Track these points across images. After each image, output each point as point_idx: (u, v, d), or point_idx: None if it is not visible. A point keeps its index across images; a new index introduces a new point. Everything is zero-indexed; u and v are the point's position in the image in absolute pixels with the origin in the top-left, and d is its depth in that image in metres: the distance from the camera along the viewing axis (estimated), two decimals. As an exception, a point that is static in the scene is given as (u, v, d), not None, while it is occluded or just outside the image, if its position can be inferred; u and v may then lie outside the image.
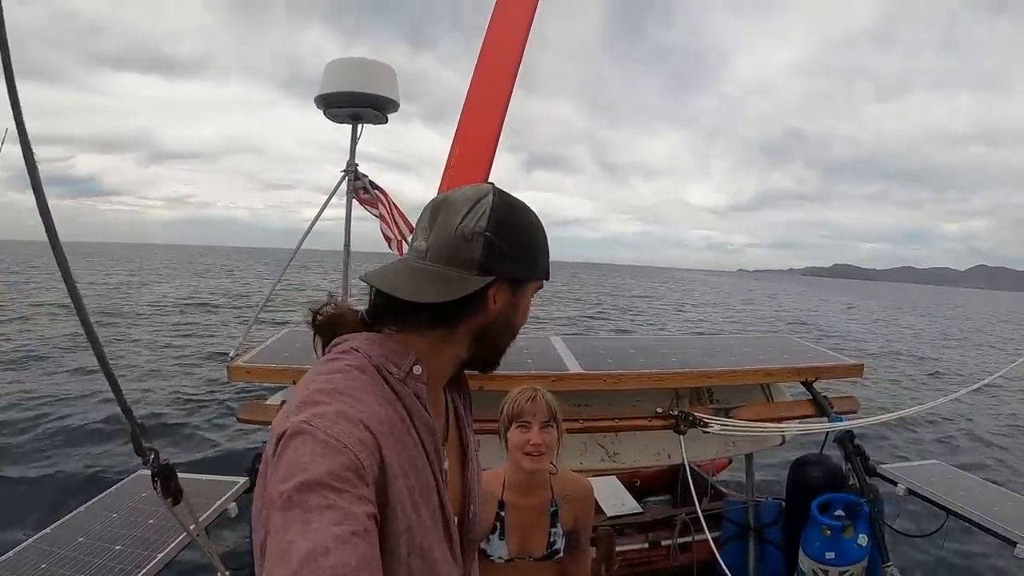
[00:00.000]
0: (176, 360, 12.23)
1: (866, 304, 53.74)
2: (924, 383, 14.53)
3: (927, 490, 2.84)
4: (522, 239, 0.85)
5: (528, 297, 0.91)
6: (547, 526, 1.90)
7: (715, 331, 18.75)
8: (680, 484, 3.84)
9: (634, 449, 2.93)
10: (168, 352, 13.05)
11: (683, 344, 3.60)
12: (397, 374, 0.80)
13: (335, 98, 3.20)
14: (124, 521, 2.50)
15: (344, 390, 0.73)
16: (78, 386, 9.34)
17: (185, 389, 9.71)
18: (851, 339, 22.98)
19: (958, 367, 17.81)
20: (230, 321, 19.21)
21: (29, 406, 8.28)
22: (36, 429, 7.37)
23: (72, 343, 12.68)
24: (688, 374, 2.91)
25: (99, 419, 7.64)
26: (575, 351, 3.11)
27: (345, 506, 0.61)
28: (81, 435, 7.20)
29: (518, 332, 0.93)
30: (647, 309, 33.76)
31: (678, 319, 28.30)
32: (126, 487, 2.82)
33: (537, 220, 0.90)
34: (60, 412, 8.06)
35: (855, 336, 24.66)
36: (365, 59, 3.24)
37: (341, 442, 0.65)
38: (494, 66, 3.07)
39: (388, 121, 3.35)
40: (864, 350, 18.38)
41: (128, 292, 27.86)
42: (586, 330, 22.08)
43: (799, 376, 3.02)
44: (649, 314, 28.72)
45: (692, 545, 3.11)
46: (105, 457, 6.56)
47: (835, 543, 2.75)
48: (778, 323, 26.93)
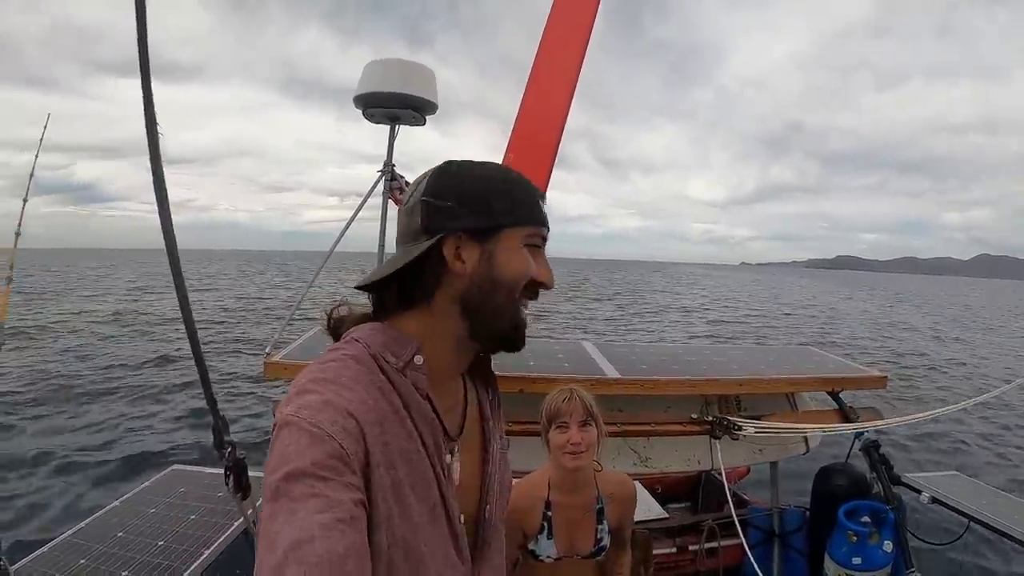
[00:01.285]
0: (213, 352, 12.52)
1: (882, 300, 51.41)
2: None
3: (950, 499, 2.93)
4: (469, 190, 0.83)
5: (508, 245, 0.82)
6: (593, 524, 1.93)
7: (738, 338, 18.38)
8: (702, 490, 3.90)
9: (666, 454, 2.97)
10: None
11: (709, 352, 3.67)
12: (395, 363, 0.79)
13: (374, 98, 3.21)
14: (164, 516, 2.47)
15: (335, 379, 0.73)
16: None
17: (223, 383, 9.95)
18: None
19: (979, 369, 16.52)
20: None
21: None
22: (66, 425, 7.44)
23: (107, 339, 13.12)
24: (720, 382, 2.96)
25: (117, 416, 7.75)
26: (608, 356, 3.15)
27: (330, 494, 0.62)
28: (106, 431, 7.27)
29: (516, 288, 0.82)
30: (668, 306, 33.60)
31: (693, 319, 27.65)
32: (161, 482, 2.78)
33: (494, 169, 0.86)
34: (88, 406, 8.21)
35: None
36: (405, 60, 3.25)
37: (325, 431, 0.66)
38: (557, 63, 2.97)
39: (426, 123, 3.36)
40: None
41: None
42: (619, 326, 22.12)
43: (826, 386, 3.10)
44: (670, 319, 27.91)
45: (718, 550, 3.16)
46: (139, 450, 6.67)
47: (861, 549, 2.83)
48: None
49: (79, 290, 29.83)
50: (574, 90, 2.89)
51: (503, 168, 0.88)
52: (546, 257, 0.87)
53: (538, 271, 0.84)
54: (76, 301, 24.55)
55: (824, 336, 21.54)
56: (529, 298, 0.85)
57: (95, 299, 25.70)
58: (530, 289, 0.84)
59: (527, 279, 0.83)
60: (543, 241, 0.87)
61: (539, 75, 3.01)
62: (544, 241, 0.87)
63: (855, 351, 17.34)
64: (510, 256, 0.82)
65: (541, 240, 0.86)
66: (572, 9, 3.05)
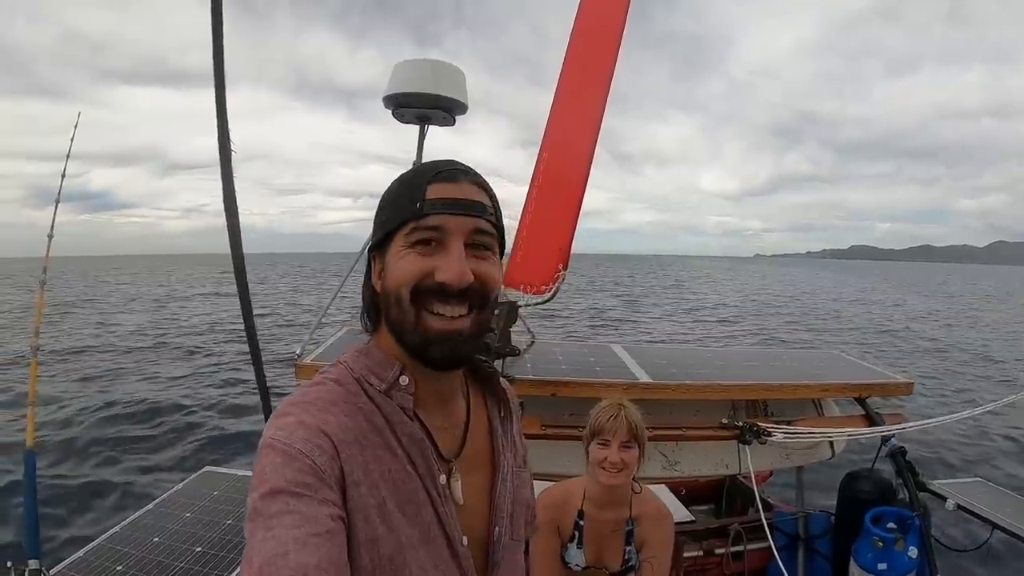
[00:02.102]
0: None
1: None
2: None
3: (975, 506, 2.96)
4: (379, 206, 0.81)
5: (393, 252, 0.77)
6: (622, 543, 1.92)
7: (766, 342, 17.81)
8: (726, 493, 3.93)
9: (695, 459, 2.99)
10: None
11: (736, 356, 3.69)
12: (378, 385, 0.78)
13: (404, 98, 3.18)
14: (200, 521, 2.43)
15: (313, 401, 0.74)
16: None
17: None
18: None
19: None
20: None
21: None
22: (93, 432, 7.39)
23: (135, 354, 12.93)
24: (750, 386, 2.98)
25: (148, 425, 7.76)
26: (638, 359, 3.16)
27: (304, 509, 0.63)
28: (134, 439, 7.25)
29: (400, 296, 0.75)
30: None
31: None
32: (194, 485, 2.75)
33: (397, 178, 0.81)
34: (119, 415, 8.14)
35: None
36: (435, 60, 3.22)
37: (298, 449, 0.67)
38: (589, 66, 2.91)
39: (455, 123, 3.34)
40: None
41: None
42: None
43: (853, 392, 3.12)
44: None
45: (744, 555, 3.18)
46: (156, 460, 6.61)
47: (887, 555, 2.85)
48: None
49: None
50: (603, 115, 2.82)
51: (410, 170, 0.81)
52: (460, 250, 0.75)
53: (436, 271, 0.74)
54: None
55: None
56: (438, 301, 0.75)
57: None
58: (428, 293, 0.74)
59: (410, 285, 0.74)
60: (437, 232, 0.75)
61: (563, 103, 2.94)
62: (444, 232, 0.75)
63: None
64: (392, 263, 0.77)
65: (428, 233, 0.75)
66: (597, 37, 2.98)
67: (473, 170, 0.80)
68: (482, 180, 0.80)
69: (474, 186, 0.78)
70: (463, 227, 0.76)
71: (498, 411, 0.93)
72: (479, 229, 0.77)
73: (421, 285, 0.74)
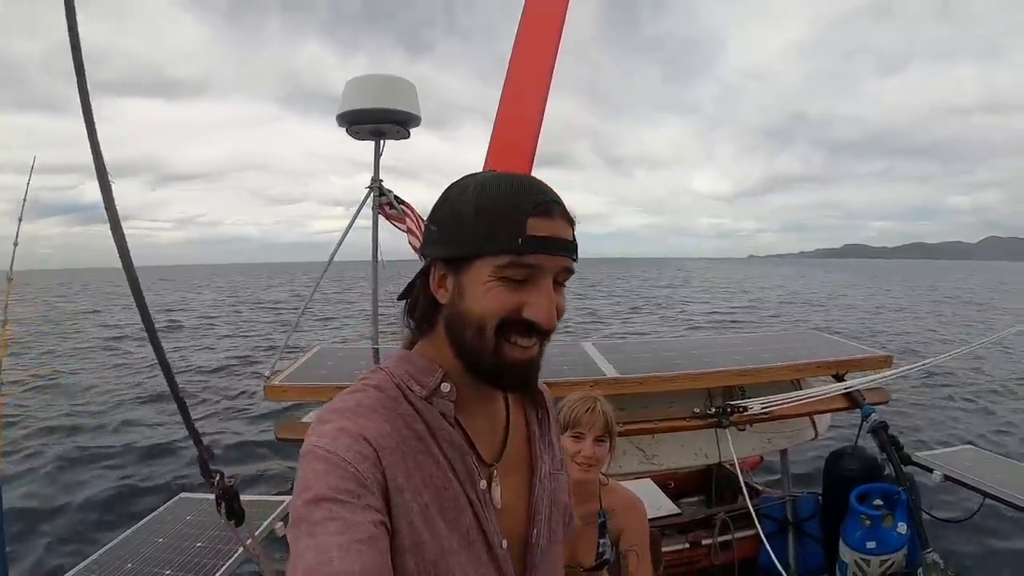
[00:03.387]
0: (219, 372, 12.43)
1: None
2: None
3: (963, 475, 2.90)
4: (450, 214, 0.78)
5: (477, 277, 0.75)
6: (595, 536, 1.89)
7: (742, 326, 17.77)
8: (715, 483, 3.88)
9: (673, 451, 2.96)
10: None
11: (712, 343, 3.65)
12: (420, 392, 0.78)
13: (358, 115, 3.22)
14: (170, 546, 2.45)
15: (353, 408, 0.75)
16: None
17: (223, 405, 9.82)
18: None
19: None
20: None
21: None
22: (78, 453, 7.34)
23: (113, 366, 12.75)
24: (722, 373, 2.94)
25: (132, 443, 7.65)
26: (609, 356, 3.14)
27: (347, 516, 0.63)
28: (120, 458, 7.18)
29: (484, 325, 0.75)
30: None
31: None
32: (170, 510, 2.78)
33: (469, 189, 0.78)
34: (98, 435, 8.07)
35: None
36: (386, 75, 3.27)
37: (340, 456, 0.68)
38: (528, 71, 2.98)
39: (411, 136, 3.38)
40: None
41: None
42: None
43: (829, 370, 3.07)
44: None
45: (732, 543, 3.13)
46: (145, 479, 6.57)
47: (875, 532, 2.80)
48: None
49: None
50: (547, 95, 2.85)
51: (499, 186, 0.76)
52: (550, 290, 0.75)
53: (524, 307, 0.74)
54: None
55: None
56: (520, 335, 0.75)
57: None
58: (513, 327, 0.75)
59: (498, 318, 0.74)
60: (532, 270, 0.74)
61: (514, 82, 3.00)
62: (537, 270, 0.74)
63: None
64: (476, 290, 0.75)
65: (525, 270, 0.74)
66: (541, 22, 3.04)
67: (561, 199, 0.78)
68: (568, 211, 0.79)
69: (565, 221, 0.78)
70: (555, 267, 0.76)
71: (536, 415, 0.95)
72: (567, 268, 0.78)
73: (508, 319, 0.75)
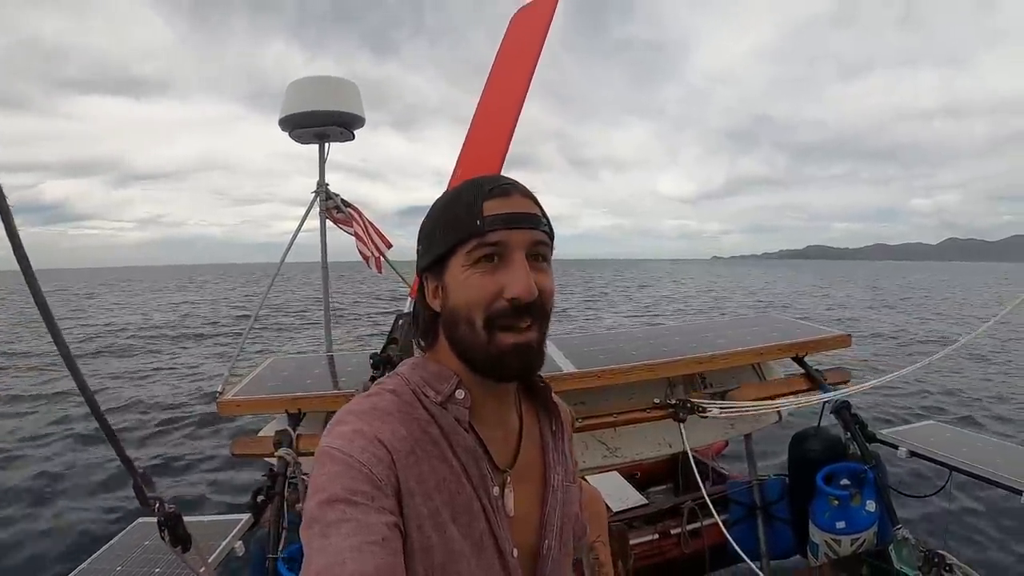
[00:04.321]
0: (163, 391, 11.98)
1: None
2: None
3: (929, 450, 2.88)
4: (425, 227, 0.83)
5: (454, 272, 0.78)
6: None
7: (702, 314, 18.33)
8: (680, 472, 3.86)
9: (635, 442, 2.92)
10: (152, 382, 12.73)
11: (672, 332, 3.61)
12: (434, 398, 0.79)
13: (299, 119, 3.16)
14: (128, 573, 2.41)
15: (369, 410, 0.76)
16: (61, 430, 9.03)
17: (173, 423, 9.48)
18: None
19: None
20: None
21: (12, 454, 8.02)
22: (26, 482, 7.09)
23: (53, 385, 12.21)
24: (679, 362, 2.90)
25: (90, 465, 7.43)
26: (566, 351, 3.09)
27: (361, 517, 0.64)
28: (73, 485, 6.95)
29: (472, 315, 0.76)
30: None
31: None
32: (128, 536, 2.72)
33: (441, 199, 0.82)
34: (47, 460, 7.80)
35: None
36: (327, 77, 3.20)
37: (355, 458, 0.68)
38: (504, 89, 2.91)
39: (355, 138, 3.31)
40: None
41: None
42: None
43: (789, 352, 3.04)
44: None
45: (701, 531, 3.11)
46: (104, 504, 6.35)
47: (844, 512, 2.78)
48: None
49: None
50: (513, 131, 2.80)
51: (460, 187, 0.80)
52: (524, 264, 0.76)
53: (504, 289, 0.75)
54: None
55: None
56: (510, 317, 0.75)
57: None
58: (501, 313, 0.75)
59: (482, 306, 0.75)
60: (499, 247, 0.76)
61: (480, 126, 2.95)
62: (505, 247, 0.76)
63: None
64: (457, 284, 0.77)
65: (490, 248, 0.75)
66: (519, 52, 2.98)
67: (520, 183, 0.81)
68: (531, 192, 0.81)
69: (526, 199, 0.80)
70: (523, 240, 0.77)
71: (550, 425, 0.96)
72: (537, 240, 0.79)
73: (494, 308, 0.75)
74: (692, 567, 3.12)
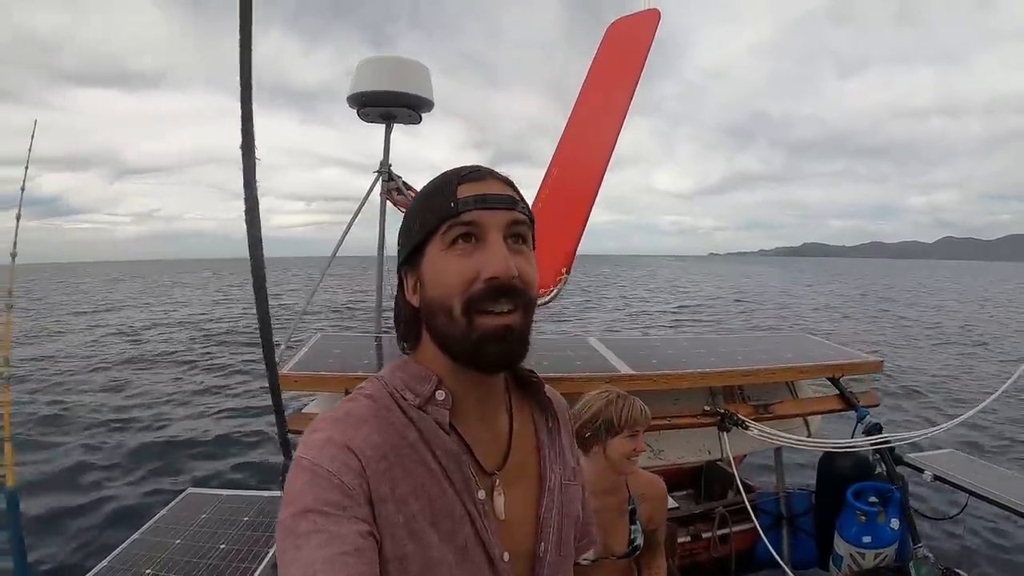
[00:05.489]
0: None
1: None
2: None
3: (951, 475, 3.04)
4: (402, 224, 0.82)
5: (430, 258, 0.75)
6: (627, 524, 1.95)
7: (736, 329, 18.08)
8: (704, 477, 3.96)
9: (677, 445, 3.01)
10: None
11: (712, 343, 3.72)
12: (412, 400, 0.76)
13: (369, 97, 3.13)
14: (191, 548, 2.28)
15: (344, 417, 0.73)
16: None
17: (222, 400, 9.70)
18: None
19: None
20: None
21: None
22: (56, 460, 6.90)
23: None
24: (728, 373, 3.00)
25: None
26: (616, 351, 3.16)
27: (332, 528, 0.63)
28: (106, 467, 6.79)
29: (449, 300, 0.72)
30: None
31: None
32: (179, 508, 2.62)
33: (418, 194, 0.81)
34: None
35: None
36: (399, 58, 3.18)
37: (324, 467, 0.67)
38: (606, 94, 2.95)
39: (421, 120, 3.30)
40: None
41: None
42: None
43: (827, 373, 3.17)
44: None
45: (730, 537, 3.22)
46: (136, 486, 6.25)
47: (870, 528, 2.92)
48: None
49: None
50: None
51: (434, 178, 0.79)
52: (501, 244, 0.73)
53: (481, 270, 0.72)
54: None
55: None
56: (489, 299, 0.71)
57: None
58: (479, 297, 0.72)
59: (459, 289, 0.72)
60: (473, 227, 0.73)
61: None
62: (480, 227, 0.73)
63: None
64: (432, 271, 0.75)
65: (465, 228, 0.73)
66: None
67: (496, 171, 0.79)
68: (507, 178, 0.79)
69: (502, 182, 0.77)
70: (499, 221, 0.74)
71: (545, 422, 0.91)
72: (514, 220, 0.75)
73: (472, 291, 0.71)
74: (719, 570, 3.23)
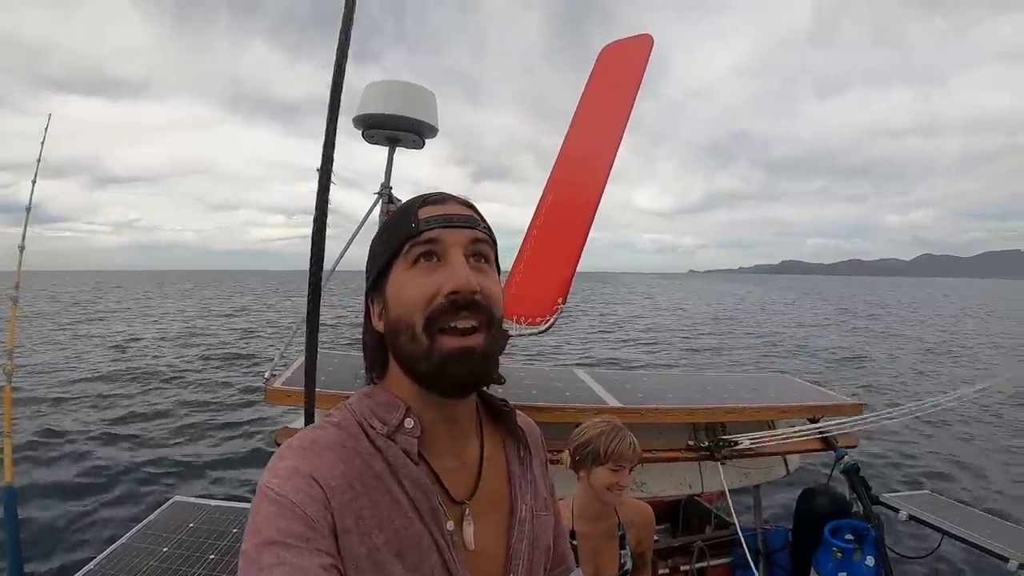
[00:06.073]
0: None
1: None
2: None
3: (926, 516, 3.13)
4: (369, 253, 0.84)
5: (393, 282, 0.77)
6: (616, 549, 2.01)
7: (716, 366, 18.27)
8: (682, 511, 4.01)
9: (660, 477, 3.05)
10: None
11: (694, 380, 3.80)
12: (380, 429, 0.76)
13: (375, 119, 3.18)
14: (179, 556, 2.23)
15: (309, 446, 0.73)
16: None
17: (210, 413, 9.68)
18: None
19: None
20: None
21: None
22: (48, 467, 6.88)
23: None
24: (713, 410, 3.07)
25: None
26: (603, 384, 3.21)
27: (295, 561, 0.63)
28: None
29: (410, 318, 0.73)
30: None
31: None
32: (165, 516, 2.57)
33: (383, 223, 0.84)
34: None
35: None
36: (406, 83, 3.24)
37: (288, 498, 0.67)
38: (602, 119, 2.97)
39: (424, 146, 3.35)
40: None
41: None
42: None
43: (808, 413, 3.26)
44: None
45: (708, 570, 3.25)
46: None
47: (847, 565, 2.98)
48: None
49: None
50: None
51: (398, 207, 0.82)
52: (462, 261, 0.75)
53: (439, 284, 0.73)
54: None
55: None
56: (450, 314, 0.72)
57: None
58: (440, 314, 0.72)
59: (421, 301, 0.73)
60: (434, 245, 0.75)
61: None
62: (441, 245, 0.75)
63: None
64: (395, 291, 0.76)
65: (426, 246, 0.75)
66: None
67: (458, 195, 0.82)
68: (468, 201, 0.82)
69: (463, 205, 0.80)
70: (460, 239, 0.76)
71: (517, 451, 0.90)
72: (475, 239, 0.78)
73: (433, 307, 0.72)
74: None
